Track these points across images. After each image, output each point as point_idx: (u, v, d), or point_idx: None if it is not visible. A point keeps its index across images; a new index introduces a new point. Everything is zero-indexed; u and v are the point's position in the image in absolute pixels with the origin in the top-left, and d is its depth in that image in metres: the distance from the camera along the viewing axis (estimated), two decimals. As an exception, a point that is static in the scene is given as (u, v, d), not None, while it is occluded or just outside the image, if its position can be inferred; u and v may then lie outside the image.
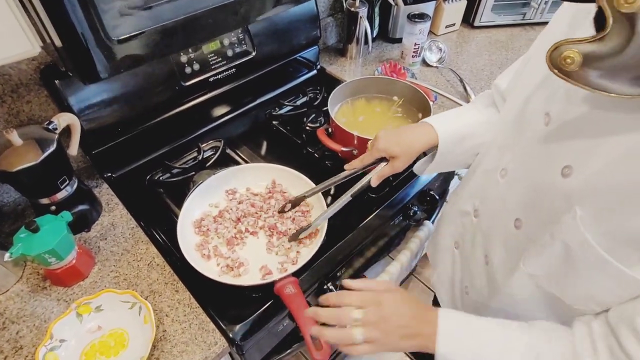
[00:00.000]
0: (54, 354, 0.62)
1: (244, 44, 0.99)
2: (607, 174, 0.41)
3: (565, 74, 0.39)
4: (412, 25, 1.17)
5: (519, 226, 0.53)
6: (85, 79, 0.50)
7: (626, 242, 0.40)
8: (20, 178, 0.68)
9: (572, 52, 0.38)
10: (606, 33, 0.35)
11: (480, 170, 0.65)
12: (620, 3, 0.33)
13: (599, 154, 0.42)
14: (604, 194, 0.42)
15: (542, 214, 0.49)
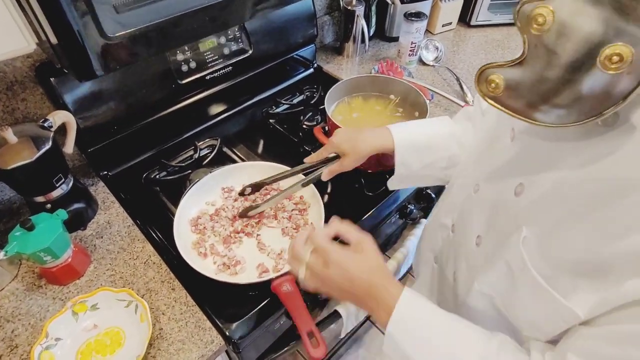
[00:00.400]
0: (49, 353, 0.62)
1: (241, 42, 0.99)
2: (552, 197, 0.41)
3: (492, 98, 0.38)
4: (408, 23, 1.18)
5: (479, 243, 0.52)
6: (81, 76, 0.50)
7: (563, 268, 0.39)
8: (15, 176, 0.68)
9: (495, 76, 0.37)
10: (524, 57, 0.35)
11: (458, 184, 0.64)
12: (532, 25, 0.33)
13: (548, 175, 0.42)
14: (547, 216, 0.41)
15: (496, 232, 0.48)
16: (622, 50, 0.29)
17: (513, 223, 0.44)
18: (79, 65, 0.49)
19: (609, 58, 0.30)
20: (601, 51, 0.30)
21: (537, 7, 0.32)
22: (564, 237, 0.39)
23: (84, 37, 0.47)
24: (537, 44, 0.33)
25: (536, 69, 0.34)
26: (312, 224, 0.76)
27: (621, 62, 0.29)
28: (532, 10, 0.32)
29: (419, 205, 1.00)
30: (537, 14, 0.32)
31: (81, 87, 0.77)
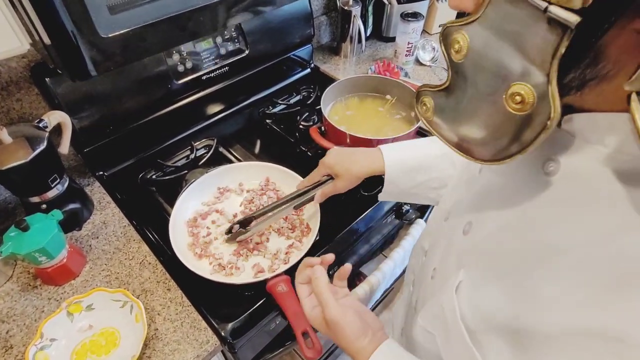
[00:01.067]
0: (44, 353, 0.62)
1: (237, 42, 0.99)
2: (490, 244, 0.38)
3: (427, 121, 0.37)
4: (405, 24, 1.18)
5: (433, 276, 0.49)
6: (75, 76, 0.50)
7: (488, 326, 0.35)
8: (10, 176, 0.68)
9: (427, 99, 0.36)
10: (447, 84, 0.34)
11: (438, 207, 0.61)
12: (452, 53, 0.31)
13: (494, 217, 0.39)
14: (482, 264, 0.38)
15: (444, 269, 0.46)
16: (524, 90, 0.27)
17: (455, 264, 0.42)
18: (73, 66, 0.49)
19: (512, 97, 0.28)
20: (507, 88, 0.28)
21: (456, 31, 0.30)
22: (492, 293, 0.36)
23: (78, 37, 0.47)
24: (457, 71, 0.32)
25: (457, 97, 0.33)
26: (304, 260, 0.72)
27: (523, 104, 0.27)
28: (451, 34, 0.31)
29: (415, 206, 1.00)
30: (454, 40, 0.31)
31: (77, 87, 0.76)
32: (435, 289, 0.46)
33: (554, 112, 0.26)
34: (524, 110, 0.28)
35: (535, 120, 0.28)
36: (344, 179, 0.68)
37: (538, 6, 0.24)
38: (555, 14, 0.24)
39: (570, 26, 0.23)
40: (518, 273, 0.34)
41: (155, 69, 0.86)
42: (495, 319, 0.35)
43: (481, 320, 0.36)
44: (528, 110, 0.28)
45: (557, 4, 0.24)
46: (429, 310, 0.45)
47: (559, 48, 0.25)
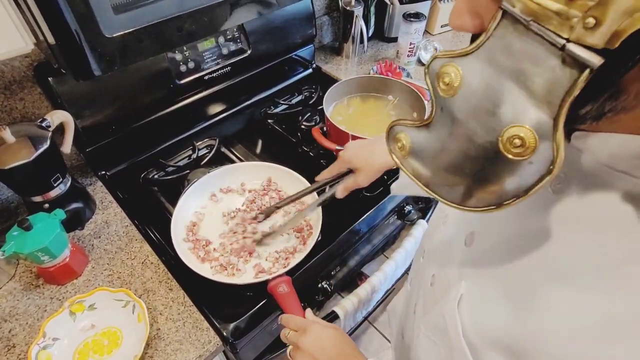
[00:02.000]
0: (46, 353, 0.62)
1: (239, 42, 0.99)
2: (494, 256, 0.36)
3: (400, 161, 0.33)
4: (407, 24, 1.18)
5: (433, 283, 0.47)
6: (79, 76, 0.50)
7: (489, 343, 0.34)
8: (13, 176, 0.68)
9: (402, 135, 0.32)
10: (430, 120, 0.30)
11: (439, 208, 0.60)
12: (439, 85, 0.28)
13: (499, 229, 0.37)
14: (488, 276, 0.36)
15: (444, 277, 0.44)
16: (526, 134, 0.24)
17: (457, 275, 0.40)
18: (77, 65, 0.49)
19: (510, 140, 0.25)
20: (504, 130, 0.25)
21: (446, 64, 0.27)
22: (494, 310, 0.34)
23: (82, 37, 0.47)
24: (443, 107, 0.28)
25: (440, 136, 0.29)
26: None
27: (523, 148, 0.24)
28: (441, 67, 0.27)
29: (417, 206, 1.01)
30: (444, 72, 0.27)
31: (79, 87, 0.77)
32: (437, 297, 0.45)
33: (558, 159, 0.24)
34: (523, 155, 0.25)
35: (535, 166, 0.25)
36: (364, 172, 0.66)
37: (555, 42, 0.22)
38: (574, 53, 0.21)
39: (592, 67, 0.21)
40: (521, 293, 0.32)
41: (157, 68, 0.86)
42: (495, 337, 0.33)
43: (482, 337, 0.35)
44: (527, 156, 0.25)
45: (577, 42, 0.21)
46: (432, 321, 0.45)
47: (573, 90, 0.22)
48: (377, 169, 0.66)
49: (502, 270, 0.35)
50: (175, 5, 0.54)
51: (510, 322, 0.32)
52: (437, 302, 0.44)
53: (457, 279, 0.40)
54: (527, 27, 0.23)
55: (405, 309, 0.65)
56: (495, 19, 0.24)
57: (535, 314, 0.30)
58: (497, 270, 0.35)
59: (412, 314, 0.57)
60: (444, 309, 0.40)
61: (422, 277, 0.54)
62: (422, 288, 0.52)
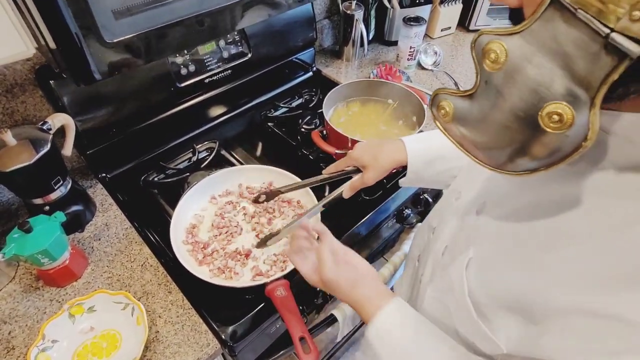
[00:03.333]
0: (45, 355, 0.62)
1: (240, 45, 0.99)
2: (505, 225, 0.39)
3: (442, 125, 0.36)
4: (407, 28, 1.18)
5: (444, 253, 0.51)
6: (79, 81, 0.50)
7: (497, 301, 0.38)
8: (14, 178, 0.68)
9: (446, 103, 0.35)
10: (474, 90, 0.32)
11: (450, 188, 0.63)
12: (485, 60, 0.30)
13: (510, 201, 0.40)
14: (495, 244, 0.40)
15: (455, 246, 0.47)
16: (564, 111, 0.27)
17: (467, 241, 0.43)
18: (78, 70, 0.50)
19: (549, 115, 0.28)
20: (544, 106, 0.28)
21: (492, 41, 0.29)
22: (503, 270, 0.38)
23: (83, 42, 0.47)
24: (487, 80, 0.31)
25: (483, 107, 0.32)
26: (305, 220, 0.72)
27: (561, 123, 0.27)
28: (487, 43, 0.30)
29: (416, 210, 1.01)
30: (490, 49, 0.30)
31: (80, 90, 0.77)
32: (445, 264, 0.48)
33: (591, 134, 0.27)
34: (560, 129, 0.27)
35: (570, 139, 0.28)
36: (372, 170, 0.67)
37: (599, 31, 0.24)
38: (617, 42, 0.23)
39: (632, 56, 0.23)
40: (530, 254, 0.35)
41: (158, 72, 0.87)
42: (503, 295, 0.36)
43: (490, 297, 0.38)
44: (564, 130, 0.27)
45: (621, 32, 0.23)
46: (439, 284, 0.48)
47: (612, 74, 0.24)
48: (386, 167, 0.67)
49: (512, 234, 0.38)
50: (176, 11, 0.55)
51: (520, 280, 0.35)
52: (444, 269, 0.48)
53: (465, 245, 0.43)
54: (574, 14, 0.25)
55: (412, 282, 0.67)
56: (544, 3, 0.26)
57: (544, 271, 0.34)
58: (508, 235, 0.38)
59: (418, 284, 0.60)
60: (452, 273, 0.44)
61: (431, 251, 0.57)
62: (431, 259, 0.55)
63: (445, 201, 0.61)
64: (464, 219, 0.48)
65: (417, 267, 0.65)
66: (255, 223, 0.79)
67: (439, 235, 0.55)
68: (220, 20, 0.62)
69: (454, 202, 0.54)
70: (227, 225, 0.79)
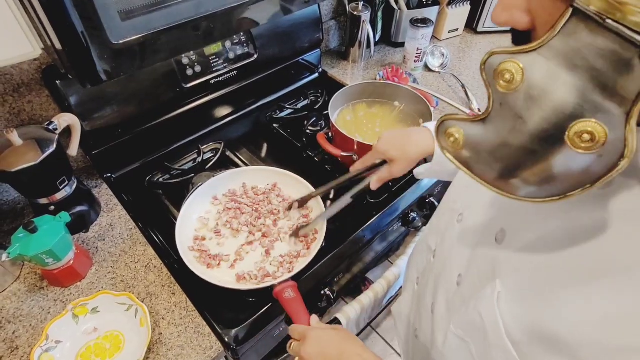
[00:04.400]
0: (49, 355, 0.62)
1: (246, 46, 0.99)
2: (535, 253, 0.36)
3: (452, 154, 0.33)
4: (414, 30, 1.17)
5: (460, 283, 0.47)
6: (85, 82, 0.50)
7: (535, 336, 0.34)
8: (20, 178, 0.68)
9: (455, 130, 0.32)
10: (487, 114, 0.30)
11: (447, 206, 0.58)
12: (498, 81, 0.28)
13: (534, 226, 0.36)
14: (526, 275, 0.36)
15: (475, 276, 0.44)
16: (595, 129, 0.25)
17: (490, 272, 0.40)
18: (83, 71, 0.49)
19: (579, 135, 0.25)
20: (571, 125, 0.25)
21: (506, 61, 0.27)
22: (535, 304, 0.34)
23: (89, 43, 0.47)
24: (502, 102, 0.29)
25: (499, 131, 0.30)
26: None
27: (592, 142, 0.25)
28: (500, 64, 0.28)
29: (422, 213, 1.00)
30: (504, 69, 0.28)
31: (87, 90, 0.77)
32: (465, 297, 0.45)
33: (628, 152, 0.24)
34: (592, 149, 0.25)
35: (604, 159, 0.25)
36: (400, 162, 0.66)
37: (633, 40, 0.22)
38: None
39: None
40: (563, 285, 0.32)
41: (164, 72, 0.87)
42: (538, 329, 0.34)
43: (526, 332, 0.35)
44: (597, 150, 0.25)
45: None
46: (464, 319, 0.44)
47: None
48: (413, 159, 0.66)
49: (542, 265, 0.34)
50: (183, 12, 0.54)
51: (551, 314, 0.32)
52: (466, 301, 0.45)
53: (489, 277, 0.40)
54: (602, 24, 0.23)
55: (416, 308, 0.64)
56: (564, 16, 0.25)
57: (577, 305, 0.31)
58: (537, 266, 0.35)
59: (428, 313, 0.57)
60: (480, 307, 0.40)
61: (438, 276, 0.54)
62: (444, 288, 0.52)
63: (444, 220, 0.56)
64: (479, 247, 0.44)
65: (419, 292, 0.62)
66: (261, 224, 0.79)
67: (447, 262, 0.51)
68: (227, 22, 0.61)
69: (456, 224, 0.51)
70: (233, 227, 0.78)
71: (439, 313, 0.52)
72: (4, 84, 0.75)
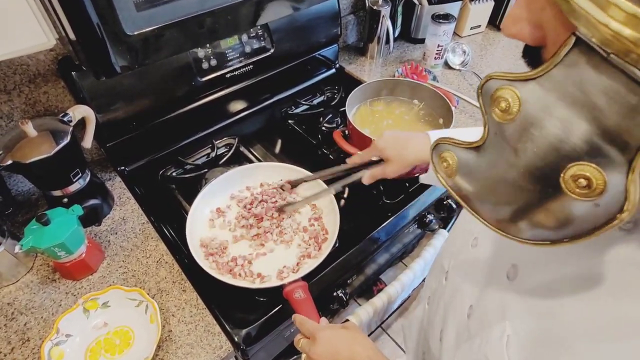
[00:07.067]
0: (59, 349, 0.62)
1: (263, 40, 0.97)
2: (548, 298, 0.32)
3: (444, 179, 0.32)
4: (436, 25, 1.14)
5: (470, 315, 0.44)
6: (99, 74, 0.49)
7: None
8: (33, 170, 0.68)
9: (448, 154, 0.31)
10: (482, 143, 0.28)
11: (462, 226, 0.55)
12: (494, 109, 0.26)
13: (548, 266, 0.33)
14: (538, 318, 0.32)
15: (485, 312, 0.40)
16: (593, 175, 0.22)
17: (500, 312, 0.37)
18: (97, 63, 0.48)
19: (574, 179, 0.23)
20: (567, 167, 0.23)
21: (504, 87, 0.25)
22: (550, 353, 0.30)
23: (103, 34, 0.46)
24: (497, 132, 0.26)
25: (493, 162, 0.28)
26: None
27: (589, 189, 0.22)
28: (497, 89, 0.25)
29: (439, 215, 0.97)
30: (500, 97, 0.25)
31: (102, 82, 0.76)
32: (472, 332, 0.42)
33: (629, 206, 0.21)
34: (588, 196, 0.23)
35: (601, 209, 0.23)
36: (394, 164, 0.65)
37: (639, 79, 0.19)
38: None
39: None
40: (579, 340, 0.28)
41: (179, 65, 0.85)
42: None
43: None
44: (593, 198, 0.22)
45: None
46: (468, 356, 0.42)
47: None
48: (409, 163, 0.65)
49: (553, 311, 0.31)
50: (199, 3, 0.53)
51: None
52: (472, 336, 0.42)
53: (499, 316, 0.37)
54: (606, 59, 0.20)
55: (426, 328, 0.62)
56: (567, 45, 0.22)
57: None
58: (547, 312, 0.32)
59: (436, 340, 0.54)
60: (487, 349, 0.37)
61: (448, 303, 0.51)
62: (453, 317, 0.49)
63: (458, 241, 0.53)
64: (490, 281, 0.41)
65: (429, 313, 0.59)
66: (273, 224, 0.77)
67: (459, 290, 0.48)
68: (244, 14, 0.59)
69: (470, 248, 0.48)
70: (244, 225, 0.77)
71: (448, 342, 0.50)
72: (20, 74, 0.75)
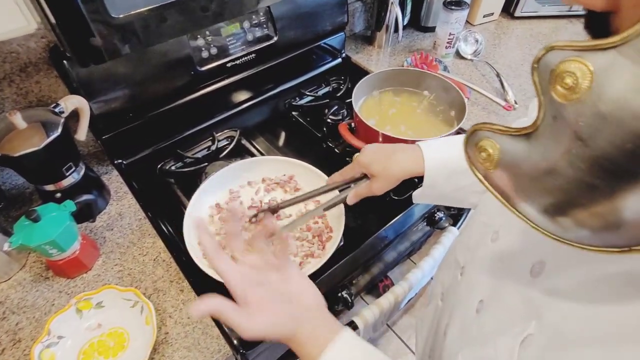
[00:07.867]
0: (50, 352, 0.59)
1: (266, 27, 0.93)
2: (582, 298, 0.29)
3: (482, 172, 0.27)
4: (447, 13, 1.08)
5: (479, 310, 0.40)
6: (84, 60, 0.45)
7: None
8: (23, 163, 0.65)
9: (488, 143, 0.26)
10: (535, 129, 0.23)
11: (480, 220, 0.51)
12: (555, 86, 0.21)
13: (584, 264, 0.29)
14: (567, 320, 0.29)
15: (498, 309, 0.37)
16: None
17: (521, 311, 0.33)
18: (81, 49, 0.44)
19: None
20: None
21: (570, 59, 0.20)
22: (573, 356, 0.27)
23: (86, 17, 0.42)
24: (557, 115, 0.22)
25: (548, 154, 0.23)
26: None
27: None
28: (560, 63, 0.20)
29: (449, 213, 0.93)
30: (565, 71, 0.20)
31: (95, 71, 0.72)
32: (484, 329, 0.38)
33: None
34: None
35: None
36: (381, 180, 0.60)
37: None
38: None
39: None
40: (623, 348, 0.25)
41: (178, 54, 0.81)
42: None
43: None
44: None
45: None
46: (476, 354, 0.38)
47: None
48: (396, 178, 0.59)
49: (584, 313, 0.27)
50: (194, -16, 0.49)
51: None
52: (484, 333, 0.38)
53: (524, 317, 0.33)
54: None
55: (434, 326, 0.58)
56: None
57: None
58: (583, 315, 0.28)
59: (441, 334, 0.51)
60: (498, 345, 0.34)
61: (461, 298, 0.47)
62: (460, 311, 0.46)
63: (476, 236, 0.50)
64: (510, 277, 0.38)
65: (441, 309, 0.55)
66: None
67: (472, 283, 0.44)
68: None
69: (489, 243, 0.44)
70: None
71: (451, 337, 0.46)
72: (10, 62, 0.71)
